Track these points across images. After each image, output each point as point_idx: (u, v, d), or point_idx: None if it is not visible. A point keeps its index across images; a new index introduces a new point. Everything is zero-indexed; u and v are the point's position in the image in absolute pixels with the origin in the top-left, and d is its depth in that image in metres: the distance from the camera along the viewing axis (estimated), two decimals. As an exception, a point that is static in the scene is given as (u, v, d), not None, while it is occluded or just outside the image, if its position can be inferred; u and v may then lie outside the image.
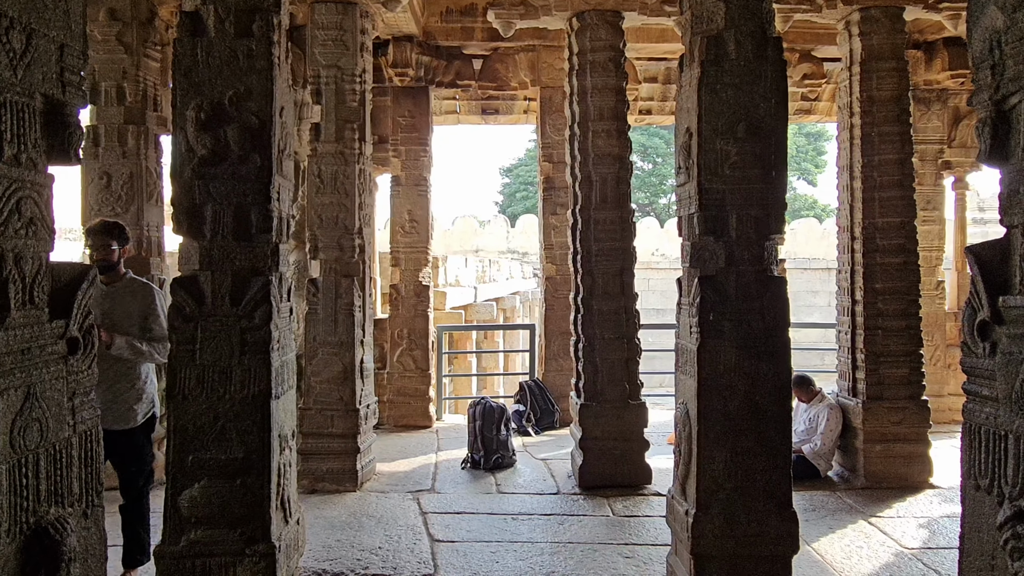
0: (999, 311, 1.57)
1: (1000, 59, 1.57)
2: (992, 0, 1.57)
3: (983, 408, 1.63)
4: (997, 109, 1.59)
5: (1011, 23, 1.52)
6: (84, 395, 1.53)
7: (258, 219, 3.13)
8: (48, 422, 1.41)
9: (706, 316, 3.25)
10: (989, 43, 1.60)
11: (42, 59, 1.40)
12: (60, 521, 1.40)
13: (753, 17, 3.27)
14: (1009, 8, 1.52)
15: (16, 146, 1.34)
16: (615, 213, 5.50)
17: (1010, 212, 1.57)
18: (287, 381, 3.38)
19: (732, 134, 3.24)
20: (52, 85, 1.44)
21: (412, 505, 5.14)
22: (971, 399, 1.68)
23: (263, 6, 3.18)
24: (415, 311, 7.87)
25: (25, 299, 1.36)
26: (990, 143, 1.59)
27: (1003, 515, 1.52)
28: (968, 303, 1.67)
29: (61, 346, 1.47)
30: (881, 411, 5.45)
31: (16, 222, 1.34)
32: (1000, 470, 1.56)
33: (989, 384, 1.61)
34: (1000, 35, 1.56)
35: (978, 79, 1.65)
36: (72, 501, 1.48)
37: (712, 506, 3.25)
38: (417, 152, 7.90)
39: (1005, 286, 1.59)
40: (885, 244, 5.47)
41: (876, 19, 5.51)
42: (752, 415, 3.25)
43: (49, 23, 1.42)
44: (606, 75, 5.52)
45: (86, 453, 1.53)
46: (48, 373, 1.42)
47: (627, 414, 5.45)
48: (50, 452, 1.42)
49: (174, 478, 3.08)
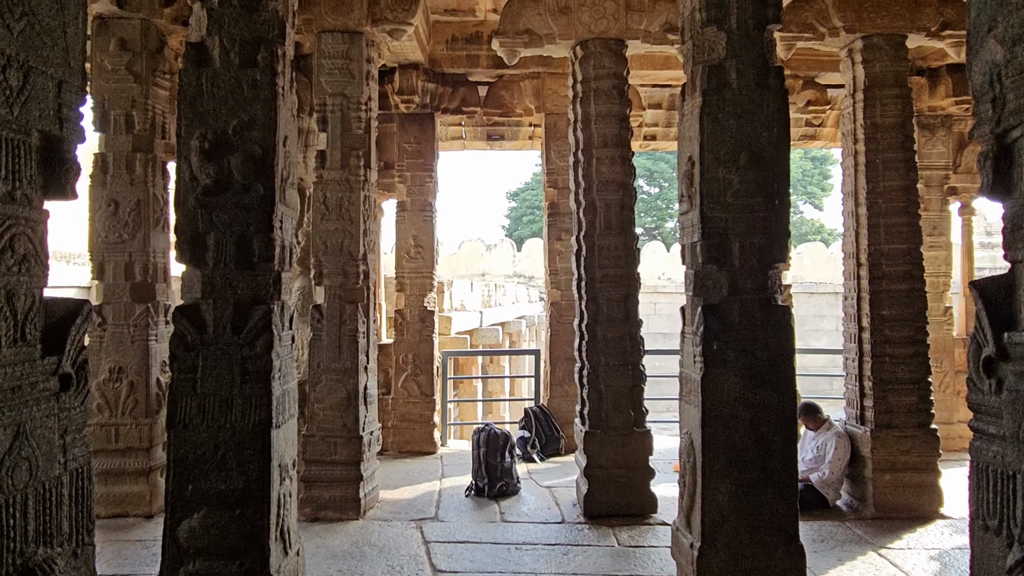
0: (1005, 347, 1.55)
1: (1001, 92, 1.56)
2: (991, 33, 1.57)
3: (990, 446, 1.60)
4: (999, 143, 1.58)
5: (1011, 56, 1.52)
6: (76, 432, 1.52)
7: (260, 248, 3.14)
8: (38, 461, 1.40)
9: (710, 345, 3.22)
10: (989, 76, 1.59)
11: (39, 96, 1.41)
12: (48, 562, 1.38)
13: (754, 47, 3.29)
14: (1009, 41, 1.52)
15: (10, 183, 1.34)
16: (619, 240, 5.49)
17: (1014, 247, 1.55)
18: (288, 410, 3.36)
19: (734, 163, 3.24)
20: (49, 121, 1.44)
21: (415, 534, 5.08)
22: (978, 437, 1.65)
23: (268, 37, 3.22)
24: (420, 336, 7.85)
25: (16, 336, 1.35)
26: (992, 177, 1.58)
27: (1013, 558, 1.48)
28: (973, 338, 1.65)
29: (53, 383, 1.46)
30: (890, 439, 5.38)
31: (9, 259, 1.34)
32: (1009, 511, 1.53)
33: (996, 422, 1.58)
34: (1000, 68, 1.55)
35: (979, 112, 1.64)
36: (62, 541, 1.46)
37: (717, 539, 3.20)
38: (422, 178, 7.94)
39: (1011, 321, 1.57)
40: (891, 271, 5.43)
41: (878, 47, 5.53)
42: (757, 446, 3.21)
43: (47, 60, 1.43)
44: (609, 102, 5.54)
45: (77, 491, 1.51)
46: (39, 411, 1.41)
47: (632, 442, 5.39)
48: (39, 491, 1.40)
49: (173, 508, 3.06)
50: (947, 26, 5.53)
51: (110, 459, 5.31)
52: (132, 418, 5.34)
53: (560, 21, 5.58)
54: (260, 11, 3.21)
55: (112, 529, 5.07)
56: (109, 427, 5.32)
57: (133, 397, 5.34)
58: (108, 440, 5.32)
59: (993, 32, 1.56)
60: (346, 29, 5.50)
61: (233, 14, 3.19)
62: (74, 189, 1.51)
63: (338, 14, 5.47)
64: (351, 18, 5.47)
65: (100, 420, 5.32)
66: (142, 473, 5.33)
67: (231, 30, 3.18)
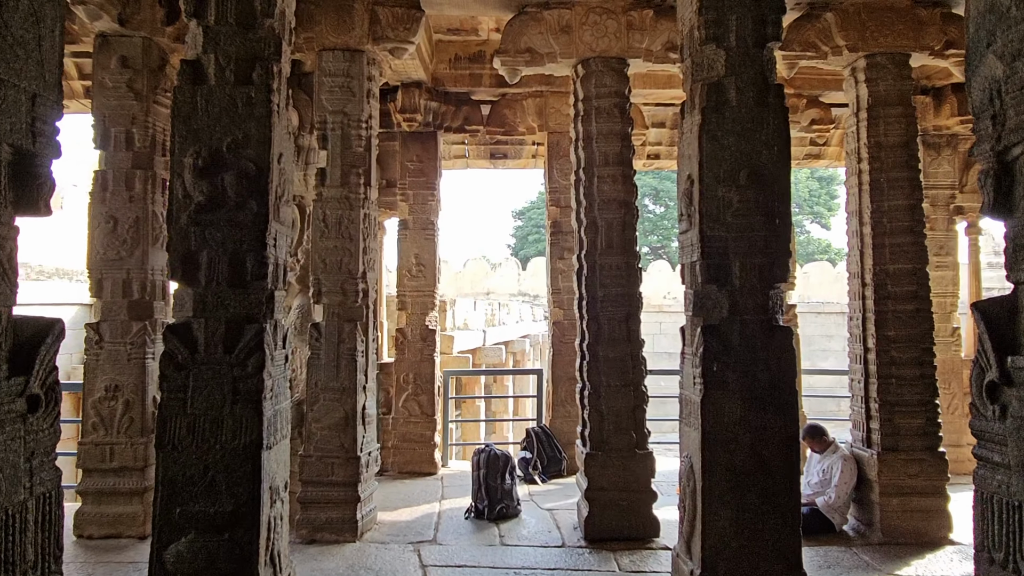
0: (1008, 372, 1.48)
1: (1001, 109, 1.51)
2: (991, 49, 1.52)
3: (995, 475, 1.53)
4: (999, 160, 1.52)
5: (1011, 72, 1.47)
6: (44, 455, 1.47)
7: (253, 266, 3.11)
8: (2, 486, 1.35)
9: (709, 366, 3.16)
10: (989, 93, 1.54)
11: (11, 109, 1.38)
12: (10, 592, 1.33)
13: (754, 64, 3.25)
14: (1008, 57, 1.47)
15: (-22, 198, 1.31)
16: (621, 259, 5.44)
17: (1016, 267, 1.49)
18: (280, 431, 3.31)
19: (734, 181, 3.19)
20: (21, 135, 1.41)
21: (412, 557, 4.99)
22: (982, 465, 1.58)
23: (263, 54, 3.21)
24: (421, 355, 7.79)
25: (-19, 356, 1.31)
26: (993, 195, 1.52)
27: (1020, 594, 1.41)
28: (976, 362, 1.58)
29: (20, 404, 1.41)
30: (897, 463, 5.27)
31: (-26, 276, 1.30)
32: (1015, 543, 1.45)
33: (1000, 450, 1.51)
34: (1000, 84, 1.51)
35: (979, 129, 1.59)
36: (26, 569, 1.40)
37: (718, 566, 3.12)
38: (425, 196, 7.92)
39: (1014, 345, 1.51)
40: (897, 291, 5.36)
41: (882, 65, 5.50)
42: (759, 470, 3.14)
43: (20, 73, 1.40)
44: (611, 121, 5.51)
45: (44, 517, 1.46)
46: (3, 433, 1.36)
47: (634, 464, 5.30)
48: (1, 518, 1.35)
49: (160, 531, 3.00)
50: (951, 45, 5.49)
51: (104, 478, 5.25)
52: (127, 437, 5.29)
53: (561, 40, 5.58)
54: (256, 29, 3.21)
55: (105, 550, 5.00)
56: (104, 446, 5.27)
57: (128, 416, 5.29)
58: (102, 459, 5.27)
59: (992, 48, 1.52)
60: (347, 47, 5.51)
61: (229, 32, 3.18)
62: (48, 205, 1.47)
63: (339, 32, 5.47)
64: (352, 36, 5.48)
65: (95, 438, 5.28)
66: (136, 493, 5.26)
67: (227, 48, 3.18)
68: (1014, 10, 1.45)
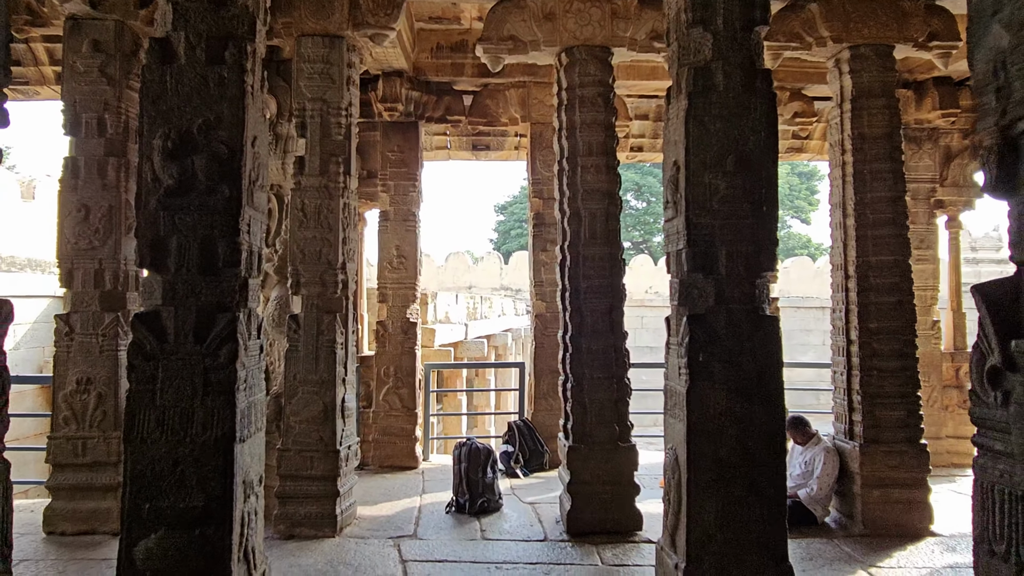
0: (1012, 356, 1.43)
1: (1006, 81, 1.45)
2: (996, 18, 1.46)
3: (996, 464, 1.47)
4: (1003, 136, 1.46)
5: (1017, 42, 1.41)
6: (-9, 445, 1.37)
7: (226, 252, 3.00)
8: (-60, 478, 1.25)
9: (695, 357, 3.10)
10: (993, 64, 1.48)
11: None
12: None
13: (741, 48, 3.19)
14: (1016, 26, 1.41)
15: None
16: (604, 250, 5.37)
17: (1020, 246, 1.43)
18: (255, 423, 3.20)
19: (721, 167, 3.13)
20: (-36, 101, 1.30)
21: (392, 552, 4.90)
22: (982, 453, 1.52)
23: (237, 33, 3.09)
24: (402, 348, 7.69)
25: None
26: (996, 172, 1.46)
27: (1023, 586, 1.35)
28: (976, 347, 1.53)
29: (-37, 391, 1.31)
30: (878, 455, 5.26)
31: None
32: (1018, 535, 1.40)
33: (1003, 438, 1.45)
34: (1005, 55, 1.45)
35: (983, 104, 1.52)
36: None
37: (703, 559, 3.06)
38: (406, 187, 7.81)
39: (1018, 328, 1.45)
40: (879, 282, 5.34)
41: (866, 57, 5.47)
42: (744, 461, 3.09)
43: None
44: (595, 110, 5.44)
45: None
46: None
47: (617, 457, 5.25)
48: (-59, 513, 1.25)
49: (129, 528, 2.89)
50: (934, 37, 5.48)
51: (77, 474, 5.11)
52: (100, 431, 5.14)
53: (545, 28, 5.49)
54: (229, 6, 3.09)
55: (78, 547, 4.87)
56: (76, 440, 5.12)
57: (101, 409, 5.15)
58: (75, 454, 5.12)
59: (998, 16, 1.45)
60: (326, 33, 5.38)
61: (200, 8, 3.06)
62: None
63: (318, 18, 5.34)
64: (331, 22, 5.35)
65: (66, 433, 5.13)
66: (110, 488, 5.12)
67: (198, 25, 3.06)
68: (1021, -23, 1.39)
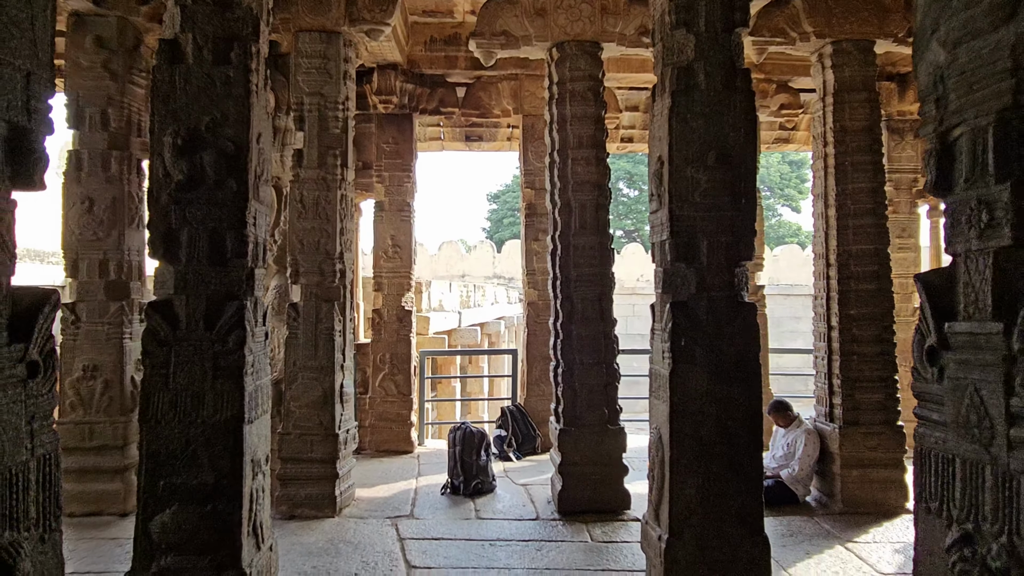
0: (946, 337, 1.61)
1: (944, 93, 1.63)
2: (934, 36, 1.64)
3: (933, 432, 1.66)
4: (941, 141, 1.64)
5: (952, 59, 1.58)
6: (43, 419, 1.54)
7: (233, 244, 3.16)
8: (5, 445, 1.42)
9: (678, 341, 3.28)
10: (933, 78, 1.66)
11: (7, 87, 1.43)
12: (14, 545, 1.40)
13: (722, 49, 3.35)
14: (950, 44, 1.58)
15: (-22, 172, 1.37)
16: (594, 239, 5.55)
17: (954, 241, 1.62)
18: (261, 406, 3.38)
19: (702, 162, 3.30)
20: (17, 112, 1.46)
21: (390, 531, 5.10)
22: (922, 423, 1.71)
23: (241, 34, 3.23)
24: (397, 336, 7.87)
25: (-17, 323, 1.38)
26: (936, 174, 1.64)
27: (951, 538, 1.54)
28: (917, 329, 1.71)
29: (20, 369, 1.48)
30: (857, 436, 5.48)
31: (-24, 247, 1.36)
32: (949, 493, 1.59)
33: (939, 409, 1.64)
34: (943, 70, 1.62)
35: (924, 112, 1.70)
36: (28, 526, 1.48)
37: (685, 532, 3.26)
38: (401, 178, 7.96)
39: (952, 312, 1.64)
40: (859, 270, 5.54)
41: (848, 52, 5.64)
42: (724, 440, 3.28)
43: (15, 52, 1.46)
44: (585, 104, 5.60)
45: (44, 477, 1.53)
46: (5, 397, 1.43)
47: (606, 439, 5.45)
48: (6, 476, 1.42)
49: (145, 504, 3.06)
50: (913, 32, 5.65)
51: (84, 457, 5.27)
52: (107, 416, 5.31)
53: (536, 23, 5.64)
54: (234, 8, 3.23)
55: (87, 527, 5.04)
56: (83, 425, 5.29)
57: (107, 395, 5.32)
58: (82, 438, 5.28)
59: (936, 35, 1.63)
60: (324, 29, 5.52)
61: (206, 11, 3.20)
62: (42, 180, 1.53)
63: (316, 14, 5.48)
64: (329, 18, 5.49)
65: (74, 418, 5.29)
66: (117, 471, 5.30)
67: (204, 27, 3.20)
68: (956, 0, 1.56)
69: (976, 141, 1.51)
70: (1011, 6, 1.42)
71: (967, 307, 1.57)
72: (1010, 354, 1.43)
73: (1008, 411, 1.43)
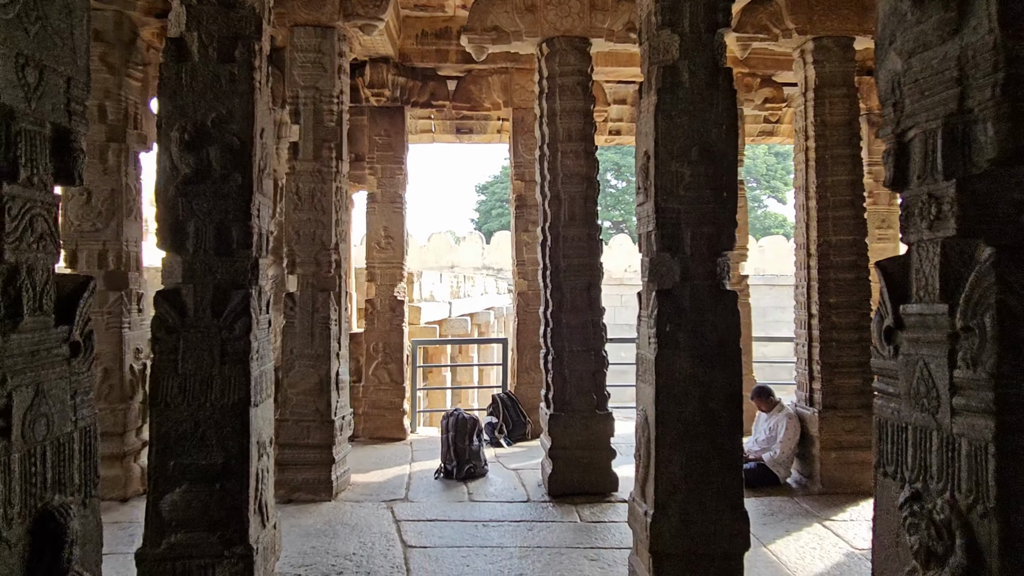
0: (901, 318, 1.79)
1: (900, 98, 1.80)
2: (892, 47, 1.81)
3: (889, 404, 1.84)
4: (898, 141, 1.82)
5: (907, 67, 1.75)
6: (84, 394, 1.69)
7: (239, 235, 3.30)
8: (54, 417, 1.57)
9: (663, 327, 3.45)
10: (891, 84, 1.83)
11: (52, 91, 1.57)
12: (64, 507, 1.55)
13: (705, 49, 3.52)
14: (905, 54, 1.75)
15: (29, 169, 1.51)
16: (583, 230, 5.72)
17: (908, 231, 1.80)
18: (265, 390, 3.53)
19: (687, 157, 3.47)
20: (60, 114, 1.61)
21: (386, 513, 5.27)
22: (879, 396, 1.89)
23: (245, 33, 3.36)
24: (390, 325, 8.01)
25: (35, 306, 1.52)
26: (893, 171, 1.82)
27: (903, 496, 1.72)
28: (877, 311, 1.89)
29: (64, 349, 1.62)
30: (836, 420, 5.70)
31: (29, 237, 1.51)
32: (902, 458, 1.77)
33: (894, 383, 1.82)
34: (899, 77, 1.79)
35: (884, 115, 1.88)
36: (73, 490, 1.63)
37: (669, 507, 3.44)
38: (393, 170, 8.08)
39: (906, 296, 1.81)
40: (838, 260, 5.75)
41: (828, 48, 5.82)
42: (706, 421, 3.46)
43: (58, 59, 1.59)
44: (574, 98, 5.76)
45: (85, 447, 1.68)
46: (54, 373, 1.57)
47: (595, 424, 5.64)
48: (55, 444, 1.57)
49: (156, 483, 3.21)
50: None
51: (84, 444, 5.39)
52: (107, 403, 5.43)
53: (527, 19, 5.78)
54: (238, 8, 3.36)
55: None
56: (83, 413, 5.41)
57: (108, 383, 5.44)
58: (82, 425, 5.40)
59: (893, 45, 1.80)
60: (318, 23, 5.64)
61: (211, 11, 3.33)
62: (80, 175, 1.67)
63: (311, 9, 5.60)
64: (323, 13, 5.61)
65: (74, 406, 5.41)
66: (117, 457, 5.43)
67: (209, 26, 3.32)
68: (910, 15, 1.73)
69: (927, 142, 1.68)
70: (956, 22, 1.58)
71: (919, 291, 1.75)
72: (953, 332, 1.61)
73: (952, 382, 1.61)
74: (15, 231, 1.45)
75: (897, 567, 1.77)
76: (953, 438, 1.60)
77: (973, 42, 1.55)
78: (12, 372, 1.42)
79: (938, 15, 1.62)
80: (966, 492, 1.57)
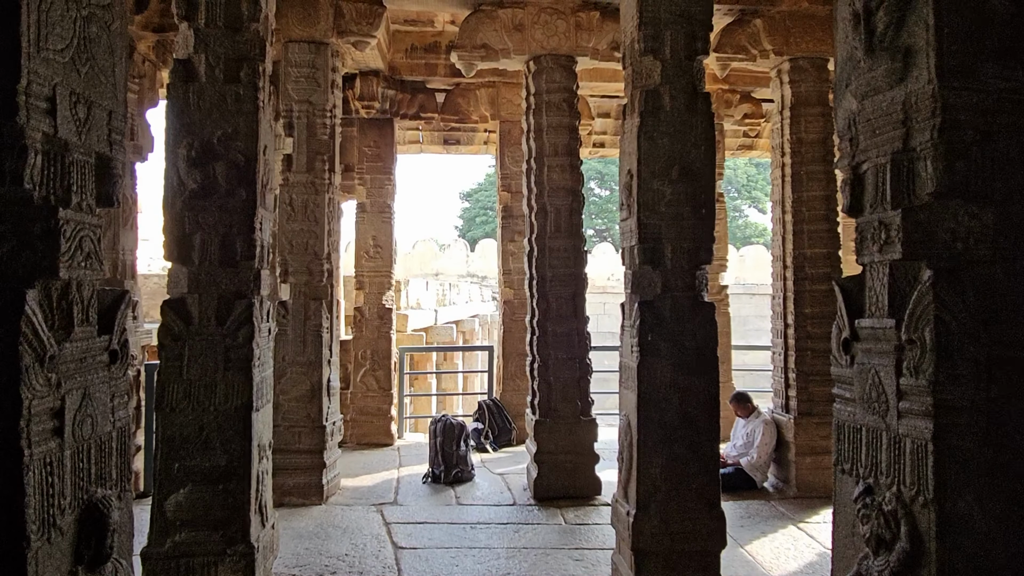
0: (856, 331, 2.00)
1: (855, 135, 2.01)
2: (848, 89, 2.03)
3: (846, 408, 2.06)
4: (854, 173, 2.03)
5: (861, 108, 1.97)
6: (120, 398, 1.85)
7: (243, 247, 3.46)
8: (97, 418, 1.73)
9: (645, 336, 3.66)
10: (847, 122, 2.05)
11: (97, 124, 1.74)
12: (106, 499, 1.71)
13: (685, 74, 3.74)
14: (859, 96, 1.97)
15: (79, 195, 1.68)
16: (568, 242, 5.92)
17: (863, 253, 2.01)
18: (265, 396, 3.69)
19: (667, 176, 3.68)
20: (103, 144, 1.78)
21: (376, 516, 5.42)
22: (838, 401, 2.11)
23: (250, 55, 3.54)
24: (378, 333, 8.17)
25: (83, 318, 1.69)
26: (850, 199, 2.03)
27: (857, 491, 1.93)
28: (835, 324, 2.10)
29: (105, 357, 1.79)
30: (811, 426, 5.93)
31: (79, 256, 1.68)
32: (857, 456, 1.98)
33: (850, 388, 2.04)
34: (855, 116, 2.01)
35: (841, 148, 2.09)
36: (111, 484, 1.79)
37: (650, 506, 3.64)
38: (382, 180, 8.26)
39: (861, 311, 2.03)
40: (813, 272, 6.00)
41: (804, 68, 6.09)
42: (685, 425, 3.67)
43: (103, 94, 1.77)
44: (560, 114, 5.97)
45: (121, 445, 1.84)
46: (97, 378, 1.74)
47: (579, 429, 5.83)
48: (98, 442, 1.73)
49: (161, 484, 3.36)
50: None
51: (80, 448, 5.50)
52: (102, 409, 5.54)
53: (515, 37, 5.99)
54: (243, 31, 3.53)
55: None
56: (79, 418, 5.51)
57: (103, 389, 5.54)
58: (78, 430, 5.51)
59: (849, 88, 2.02)
60: (312, 40, 5.81)
61: (218, 34, 3.50)
62: (118, 197, 1.85)
63: (305, 25, 5.77)
64: (317, 29, 5.78)
65: (70, 411, 5.51)
66: (112, 462, 5.53)
67: (216, 48, 3.49)
68: (863, 62, 1.95)
69: (878, 175, 1.90)
70: (902, 72, 1.80)
71: (871, 307, 1.96)
72: (900, 344, 1.82)
73: (898, 388, 1.82)
74: (68, 251, 1.61)
75: (852, 554, 1.98)
76: (899, 438, 1.81)
77: (916, 90, 1.77)
78: (65, 377, 1.59)
79: (887, 64, 1.84)
80: (910, 485, 1.78)
